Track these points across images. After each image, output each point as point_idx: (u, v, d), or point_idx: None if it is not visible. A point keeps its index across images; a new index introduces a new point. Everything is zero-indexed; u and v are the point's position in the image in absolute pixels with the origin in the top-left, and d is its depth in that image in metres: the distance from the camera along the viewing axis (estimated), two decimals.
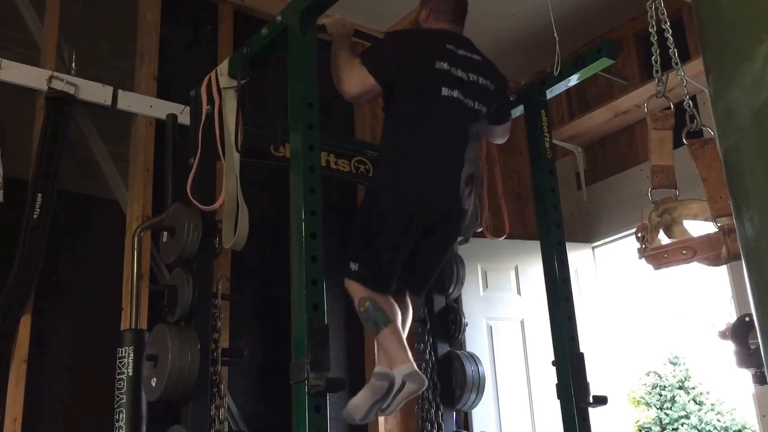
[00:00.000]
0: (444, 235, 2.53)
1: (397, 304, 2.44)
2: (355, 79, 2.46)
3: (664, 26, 2.08)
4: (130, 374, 2.63)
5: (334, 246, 3.38)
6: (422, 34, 2.66)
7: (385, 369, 2.34)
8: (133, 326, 2.78)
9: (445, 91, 2.46)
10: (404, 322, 2.49)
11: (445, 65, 2.48)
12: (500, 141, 2.90)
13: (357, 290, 2.38)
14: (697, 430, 9.32)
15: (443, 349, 3.14)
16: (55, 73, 2.96)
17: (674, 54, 2.09)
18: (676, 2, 3.52)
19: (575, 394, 2.57)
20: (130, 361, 2.65)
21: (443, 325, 3.18)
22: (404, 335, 2.42)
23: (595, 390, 2.61)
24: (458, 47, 2.55)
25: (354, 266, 2.38)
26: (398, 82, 2.48)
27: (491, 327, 3.87)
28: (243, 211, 2.47)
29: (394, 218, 2.38)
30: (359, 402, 2.31)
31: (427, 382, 2.35)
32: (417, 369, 2.32)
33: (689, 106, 2.05)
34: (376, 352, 3.42)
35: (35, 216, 2.76)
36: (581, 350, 2.66)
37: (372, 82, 2.45)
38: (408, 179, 2.40)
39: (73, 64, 3.06)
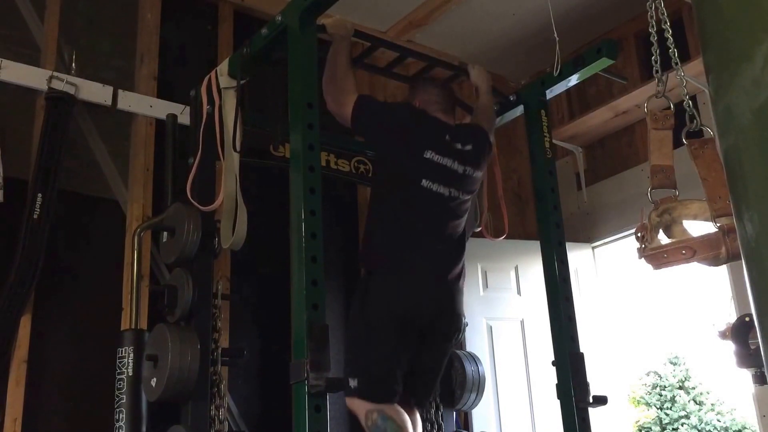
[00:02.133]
0: (440, 338, 2.44)
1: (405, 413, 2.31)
2: (339, 101, 2.43)
3: (664, 26, 2.08)
4: (130, 374, 2.63)
5: (334, 246, 3.38)
6: (430, 121, 2.54)
7: None
8: (133, 326, 2.78)
9: (425, 183, 2.39)
10: (415, 430, 2.37)
11: (436, 157, 2.42)
12: None
13: (360, 405, 2.24)
14: (697, 430, 9.33)
15: None
16: (55, 73, 2.97)
17: (674, 54, 2.09)
18: (676, 2, 3.52)
19: (575, 394, 2.57)
20: (130, 361, 2.65)
21: None
22: None
23: (595, 390, 2.61)
24: (455, 140, 2.50)
25: (353, 383, 2.25)
26: (384, 156, 2.46)
27: (491, 327, 3.87)
28: (242, 211, 2.47)
29: (386, 328, 2.29)
30: None
31: None
32: None
33: (689, 106, 2.04)
34: None
35: (35, 216, 2.76)
36: (581, 350, 2.66)
37: (347, 115, 2.43)
38: (394, 290, 2.32)
39: (73, 64, 3.07)
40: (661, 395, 9.82)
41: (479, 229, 2.97)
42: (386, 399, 2.24)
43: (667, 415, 9.57)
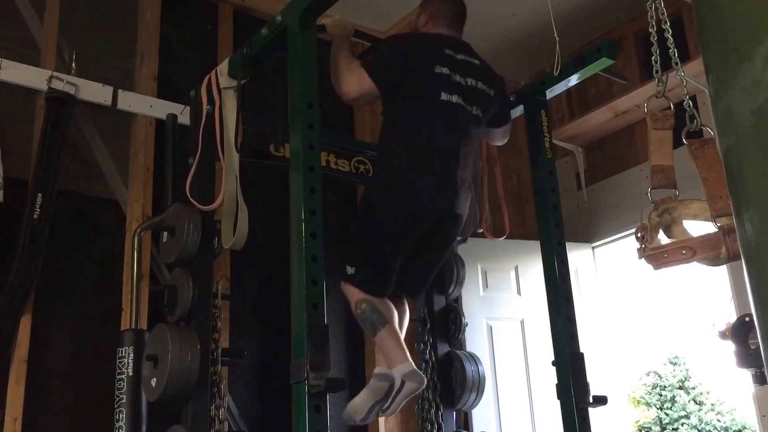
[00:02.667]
0: (441, 239, 2.53)
1: (394, 306, 2.45)
2: (355, 82, 2.46)
3: (664, 26, 2.08)
4: (130, 374, 2.63)
5: (334, 246, 3.37)
6: (422, 38, 2.65)
7: (385, 370, 2.34)
8: (133, 326, 2.78)
9: (444, 96, 2.45)
10: (401, 322, 2.51)
11: (445, 70, 2.48)
12: (500, 143, 2.91)
13: (353, 293, 2.39)
14: (697, 430, 9.32)
15: (443, 349, 3.14)
16: (55, 73, 2.96)
17: (674, 54, 2.09)
18: (676, 2, 3.51)
19: (575, 394, 2.57)
20: (130, 361, 2.65)
21: (443, 325, 3.18)
22: (402, 335, 2.43)
23: (595, 390, 2.61)
24: (457, 52, 2.56)
25: (350, 270, 2.40)
26: (398, 86, 2.48)
27: (491, 327, 3.87)
28: (242, 211, 2.47)
29: (391, 224, 2.39)
30: (359, 402, 2.32)
31: (426, 381, 2.37)
32: (416, 368, 2.33)
33: (689, 106, 2.04)
34: (375, 352, 3.42)
35: (35, 216, 2.76)
36: (581, 350, 2.66)
37: (371, 85, 2.45)
38: (405, 185, 2.40)
39: (73, 64, 3.06)
40: (661, 395, 9.82)
41: (480, 229, 2.97)
42: (378, 292, 2.39)
43: (667, 415, 9.57)
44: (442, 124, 2.46)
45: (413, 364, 2.34)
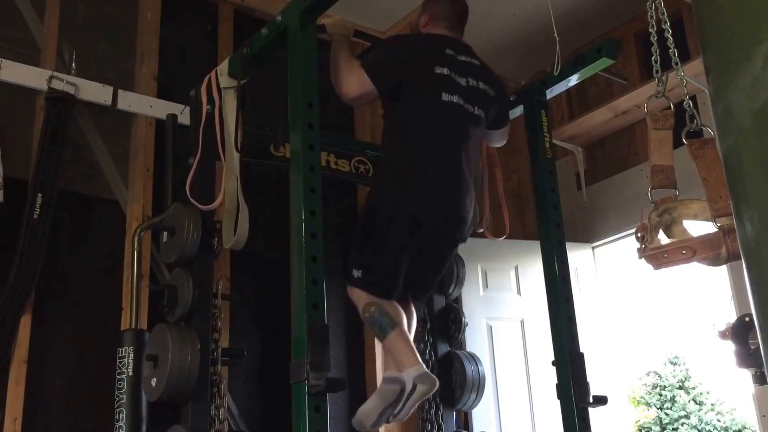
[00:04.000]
0: (446, 240, 2.52)
1: (401, 308, 2.43)
2: (354, 82, 2.46)
3: (664, 26, 2.08)
4: (130, 374, 2.64)
5: (334, 246, 3.38)
6: (422, 39, 2.66)
7: (395, 373, 2.29)
8: (133, 326, 2.78)
9: (445, 96, 2.46)
10: (410, 325, 2.48)
11: (445, 70, 2.49)
12: (498, 145, 2.90)
13: (361, 296, 2.36)
14: (697, 430, 9.33)
15: (443, 349, 3.15)
16: (55, 73, 2.96)
17: (674, 54, 2.09)
18: (676, 2, 3.51)
19: (575, 394, 2.57)
20: (130, 361, 2.65)
21: (443, 325, 3.18)
22: (411, 337, 2.41)
23: (595, 390, 2.61)
24: (458, 53, 2.56)
25: (357, 273, 2.37)
26: (398, 86, 2.48)
27: (491, 327, 3.87)
28: (243, 211, 2.47)
29: (395, 225, 2.37)
30: (370, 408, 2.27)
31: (438, 383, 2.29)
32: (427, 370, 2.28)
33: (689, 106, 2.05)
34: (377, 352, 3.42)
35: (35, 216, 2.76)
36: (581, 350, 2.66)
37: (370, 86, 2.45)
38: (408, 187, 2.39)
39: (73, 64, 3.07)
40: (661, 395, 9.83)
41: (480, 229, 2.97)
42: (386, 294, 2.36)
43: (667, 415, 9.58)
44: (443, 124, 2.46)
45: (424, 366, 2.29)
